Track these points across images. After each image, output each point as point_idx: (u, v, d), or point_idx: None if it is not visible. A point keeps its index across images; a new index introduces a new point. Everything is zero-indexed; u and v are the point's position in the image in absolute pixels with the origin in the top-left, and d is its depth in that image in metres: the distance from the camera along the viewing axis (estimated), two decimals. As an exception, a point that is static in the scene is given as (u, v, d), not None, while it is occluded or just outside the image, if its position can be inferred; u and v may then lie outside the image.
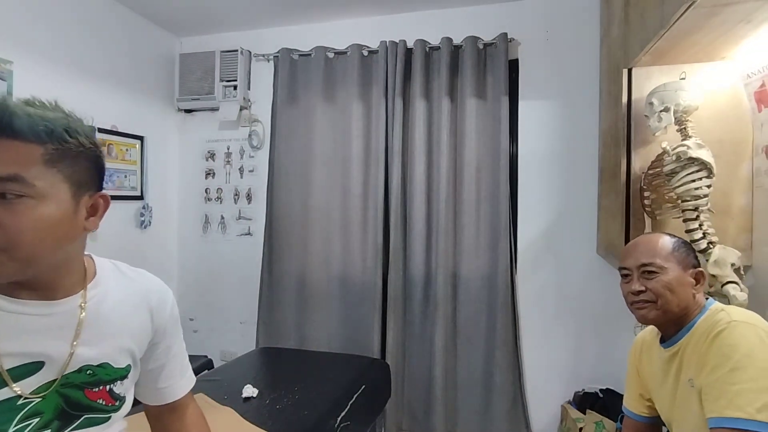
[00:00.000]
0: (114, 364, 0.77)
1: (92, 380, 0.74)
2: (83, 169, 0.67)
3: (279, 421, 1.44)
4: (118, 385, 0.78)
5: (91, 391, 0.74)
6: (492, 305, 2.40)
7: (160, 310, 0.86)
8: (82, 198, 0.68)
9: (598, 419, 2.05)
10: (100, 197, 0.71)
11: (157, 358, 0.87)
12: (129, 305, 0.81)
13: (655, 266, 1.08)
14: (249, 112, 2.86)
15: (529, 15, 2.47)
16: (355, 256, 2.57)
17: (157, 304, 0.86)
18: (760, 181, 1.64)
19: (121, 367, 0.78)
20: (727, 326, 0.98)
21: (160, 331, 0.86)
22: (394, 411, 2.44)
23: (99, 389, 0.75)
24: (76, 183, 0.66)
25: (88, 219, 0.70)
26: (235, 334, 2.87)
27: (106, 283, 0.79)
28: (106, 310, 0.77)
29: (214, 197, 2.95)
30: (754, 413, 0.88)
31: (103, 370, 0.75)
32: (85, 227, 0.70)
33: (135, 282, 0.84)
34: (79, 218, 0.68)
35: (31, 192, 0.61)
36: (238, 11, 2.63)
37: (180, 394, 0.92)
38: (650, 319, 1.10)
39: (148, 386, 0.89)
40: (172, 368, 0.90)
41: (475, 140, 2.44)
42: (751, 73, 1.63)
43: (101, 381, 0.75)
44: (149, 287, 0.86)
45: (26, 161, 0.61)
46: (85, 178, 0.68)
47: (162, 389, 0.90)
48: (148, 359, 0.86)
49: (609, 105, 2.10)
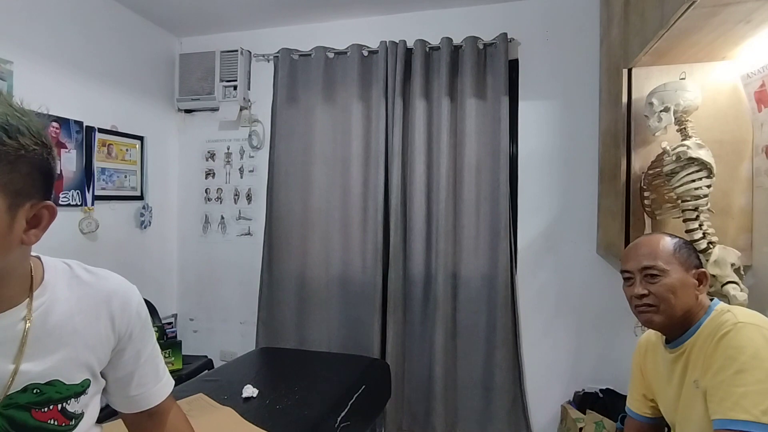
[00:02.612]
0: (66, 381, 0.69)
1: (39, 400, 0.67)
2: (22, 175, 0.58)
3: (279, 421, 1.44)
4: (72, 402, 0.70)
5: (39, 411, 0.67)
6: (492, 305, 2.40)
7: (122, 314, 0.77)
8: (21, 208, 0.59)
9: (598, 419, 2.05)
10: (44, 207, 0.62)
11: (125, 365, 0.80)
12: (84, 312, 0.72)
13: (657, 269, 1.08)
14: (249, 113, 2.86)
15: (529, 15, 2.47)
16: (355, 256, 2.57)
17: (119, 307, 0.77)
18: (760, 181, 1.64)
19: (75, 383, 0.71)
20: (733, 327, 0.97)
21: (124, 338, 0.78)
22: (394, 411, 2.44)
23: (49, 409, 0.68)
24: (12, 192, 0.57)
25: (28, 231, 0.61)
26: (235, 334, 2.87)
27: (55, 290, 0.70)
28: (56, 320, 0.69)
29: (214, 197, 2.95)
30: (760, 415, 0.88)
31: (52, 388, 0.68)
32: (23, 240, 0.61)
33: (90, 286, 0.75)
34: (16, 231, 0.59)
35: None
36: (238, 11, 2.63)
37: (155, 401, 0.84)
38: (656, 323, 1.09)
39: (119, 394, 0.82)
40: (143, 374, 0.83)
41: (475, 140, 2.45)
42: (751, 73, 1.63)
43: (50, 400, 0.68)
44: (109, 289, 0.77)
45: None
46: (24, 186, 0.59)
47: (134, 397, 0.82)
48: (114, 367, 0.79)
49: (609, 105, 2.10)
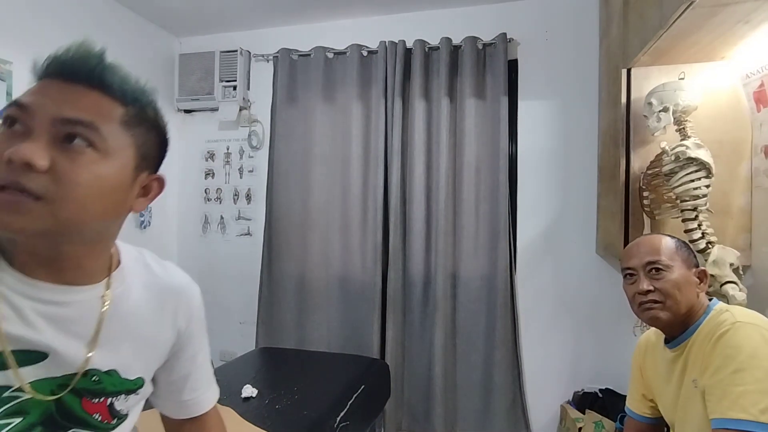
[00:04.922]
0: (122, 374, 0.66)
1: (95, 388, 0.63)
2: (153, 143, 0.63)
3: (278, 421, 1.44)
4: (121, 399, 0.66)
5: (89, 401, 0.62)
6: (491, 305, 2.40)
7: (186, 312, 0.75)
8: (141, 174, 0.62)
9: (598, 419, 2.05)
10: (157, 180, 0.65)
11: (182, 367, 0.77)
12: (150, 304, 0.70)
13: (661, 264, 1.07)
14: (248, 113, 2.86)
15: (529, 15, 2.48)
16: (355, 256, 2.57)
17: (185, 304, 0.75)
18: (759, 181, 1.64)
19: (130, 379, 0.67)
20: (731, 327, 0.97)
21: (184, 336, 0.75)
22: (394, 411, 2.44)
23: (99, 401, 0.64)
24: (143, 155, 0.61)
25: (139, 198, 0.63)
26: (235, 334, 2.86)
27: (131, 276, 0.68)
28: (128, 307, 0.66)
29: (214, 197, 2.95)
30: (758, 414, 0.88)
31: (109, 378, 0.64)
32: (132, 207, 0.62)
33: (158, 277, 0.73)
34: (132, 194, 0.61)
35: (101, 146, 0.55)
36: (238, 11, 2.64)
37: (205, 407, 0.82)
38: (662, 320, 1.07)
39: (171, 398, 0.79)
40: (197, 378, 0.80)
41: (474, 140, 2.45)
42: (750, 73, 1.64)
43: (104, 392, 0.64)
44: (176, 284, 0.75)
45: (106, 115, 0.56)
46: (151, 153, 0.63)
47: (187, 402, 0.80)
48: (170, 369, 0.76)
49: (608, 105, 2.10)
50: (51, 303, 0.58)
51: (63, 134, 0.53)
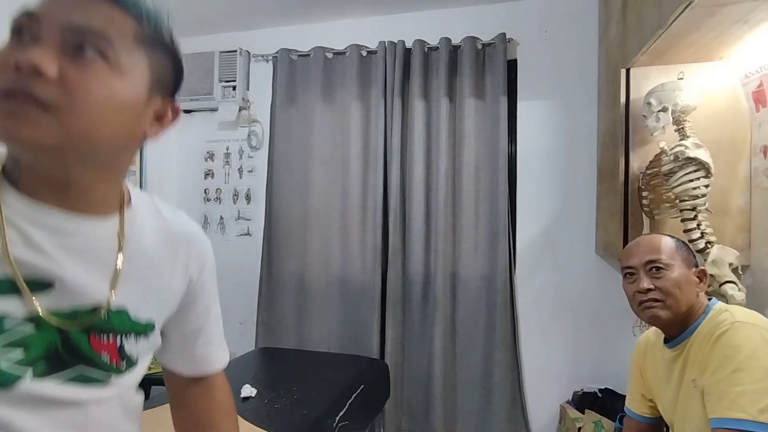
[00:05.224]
0: (132, 314, 0.62)
1: (104, 325, 0.59)
2: (167, 66, 0.59)
3: (277, 420, 1.44)
4: (131, 341, 0.62)
5: (97, 339, 0.58)
6: (491, 305, 2.41)
7: (198, 261, 0.72)
8: (155, 96, 0.58)
9: (597, 419, 2.05)
10: (171, 107, 0.62)
11: (195, 319, 0.74)
12: (162, 248, 0.66)
13: (661, 263, 1.08)
14: (248, 113, 2.86)
15: (528, 15, 2.48)
16: (354, 256, 2.57)
17: (197, 252, 0.72)
18: (758, 181, 1.64)
19: (140, 321, 0.63)
20: (730, 327, 0.98)
21: (197, 288, 0.73)
22: (394, 411, 2.44)
23: (108, 340, 0.60)
24: (157, 78, 0.57)
25: (153, 123, 0.60)
26: (235, 334, 2.86)
27: (143, 216, 0.65)
28: (140, 247, 0.63)
29: (213, 197, 2.95)
30: (757, 414, 0.88)
31: (118, 317, 0.60)
32: (146, 132, 0.59)
33: (170, 223, 0.69)
34: (146, 116, 0.58)
35: (113, 59, 0.51)
36: (237, 12, 2.64)
37: (216, 365, 0.80)
38: (662, 319, 1.07)
39: (183, 352, 0.76)
40: (210, 332, 0.78)
41: (473, 140, 2.45)
42: (749, 73, 1.64)
43: (113, 330, 0.60)
44: (188, 231, 0.72)
45: (119, 27, 0.52)
46: (165, 76, 0.59)
47: (198, 357, 0.77)
48: (183, 321, 0.73)
49: (607, 105, 2.10)
50: (60, 231, 0.54)
51: (73, 43, 0.49)
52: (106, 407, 0.61)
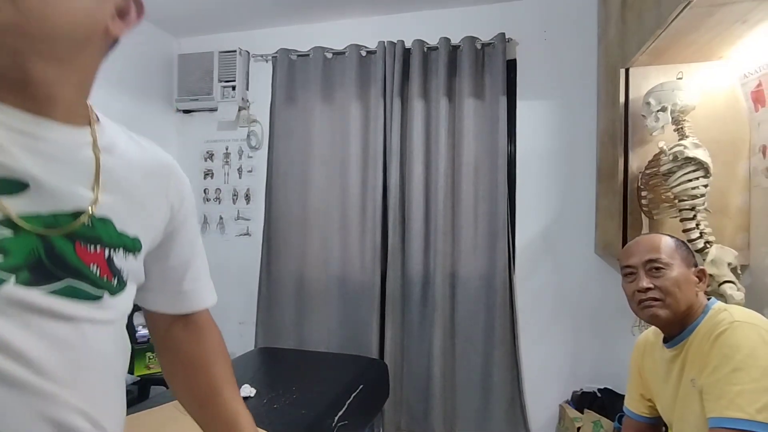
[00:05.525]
0: (118, 226, 0.58)
1: (88, 233, 0.54)
2: None
3: (276, 420, 1.44)
4: (120, 255, 0.58)
5: (83, 248, 0.54)
6: (490, 305, 2.41)
7: (179, 191, 0.69)
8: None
9: (596, 419, 2.05)
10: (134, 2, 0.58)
11: (181, 251, 0.71)
12: (144, 172, 0.63)
13: (661, 262, 1.08)
14: (247, 113, 2.87)
15: (527, 15, 2.48)
16: (354, 256, 2.57)
17: (177, 182, 0.69)
18: (757, 181, 1.65)
19: (127, 234, 0.59)
20: (729, 326, 0.98)
21: (180, 218, 0.69)
22: (393, 411, 2.44)
23: (95, 250, 0.55)
24: None
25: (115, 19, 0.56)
26: (234, 334, 2.86)
27: (116, 135, 0.62)
28: (119, 163, 0.59)
29: (213, 197, 2.95)
30: (755, 414, 0.88)
31: (103, 226, 0.56)
32: (108, 28, 0.55)
33: (145, 149, 0.66)
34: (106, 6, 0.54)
35: None
36: (237, 12, 2.64)
37: (206, 302, 0.77)
38: (661, 318, 1.07)
39: (169, 288, 0.73)
40: (198, 266, 0.75)
41: (473, 140, 2.45)
42: (748, 73, 1.64)
43: (99, 240, 0.55)
44: (167, 161, 0.69)
45: None
46: None
47: (187, 293, 0.74)
48: (168, 253, 0.70)
49: (607, 105, 2.10)
50: (26, 134, 0.50)
51: None
52: (101, 332, 0.57)
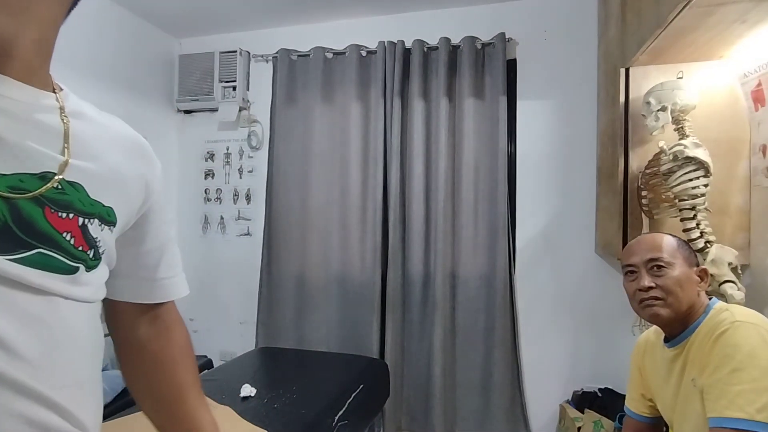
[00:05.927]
0: (91, 193, 0.53)
1: (58, 198, 0.49)
2: None
3: (276, 420, 1.44)
4: (95, 225, 0.53)
5: (54, 214, 0.49)
6: (490, 305, 2.41)
7: (149, 166, 0.64)
8: None
9: (597, 418, 2.05)
10: None
11: (156, 235, 0.67)
12: (117, 147, 0.58)
13: (663, 261, 1.08)
14: (248, 113, 2.87)
15: (527, 15, 2.48)
16: (354, 256, 2.58)
17: (147, 157, 0.64)
18: (758, 180, 1.65)
19: (102, 203, 0.54)
20: (730, 326, 0.98)
21: (152, 198, 0.65)
22: (393, 411, 2.44)
23: (68, 216, 0.50)
24: None
25: None
26: (235, 334, 2.87)
27: (83, 104, 0.57)
28: (89, 133, 0.55)
29: (214, 198, 2.95)
30: (755, 413, 0.88)
31: (75, 191, 0.51)
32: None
33: (114, 122, 0.61)
34: None
35: None
36: (237, 12, 2.64)
37: (181, 292, 0.74)
38: (663, 317, 1.07)
39: (143, 276, 0.68)
40: (174, 254, 0.72)
41: (473, 140, 2.45)
42: (748, 73, 1.64)
43: (71, 206, 0.50)
44: (139, 139, 0.64)
45: None
46: None
47: (161, 281, 0.70)
48: (143, 236, 0.65)
49: (607, 104, 2.10)
50: None
51: None
52: (77, 312, 0.52)
